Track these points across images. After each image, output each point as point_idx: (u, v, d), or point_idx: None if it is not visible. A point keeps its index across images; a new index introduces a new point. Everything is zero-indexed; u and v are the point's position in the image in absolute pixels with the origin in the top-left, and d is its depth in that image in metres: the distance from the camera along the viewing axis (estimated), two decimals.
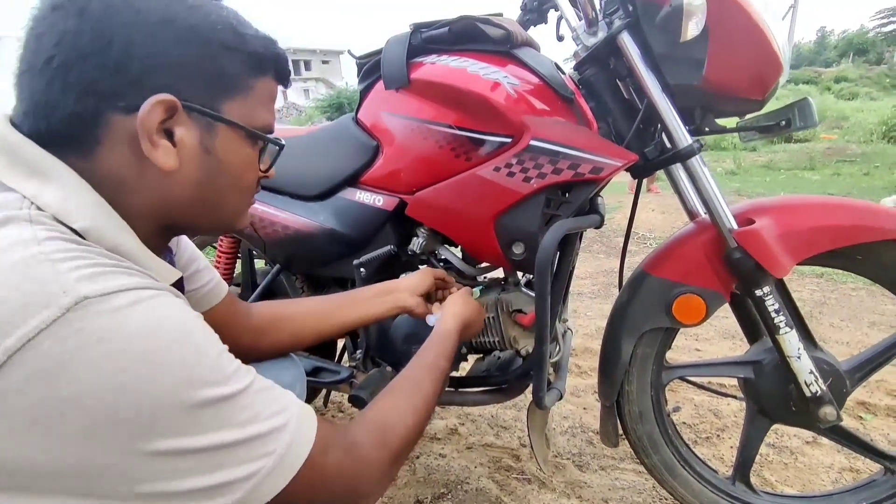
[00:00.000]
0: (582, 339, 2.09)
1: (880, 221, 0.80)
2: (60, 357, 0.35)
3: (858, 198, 3.40)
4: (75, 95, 0.43)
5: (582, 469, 1.31)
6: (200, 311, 0.70)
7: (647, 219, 4.12)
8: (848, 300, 2.40)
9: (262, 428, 0.43)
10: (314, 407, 1.60)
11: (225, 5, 0.50)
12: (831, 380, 0.87)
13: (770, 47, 0.76)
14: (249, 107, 0.51)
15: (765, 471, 1.27)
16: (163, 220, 0.51)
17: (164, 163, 0.45)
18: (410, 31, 0.92)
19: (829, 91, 16.86)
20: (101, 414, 0.36)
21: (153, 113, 0.44)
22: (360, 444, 0.54)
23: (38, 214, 0.41)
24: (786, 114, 0.83)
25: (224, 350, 0.45)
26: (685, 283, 0.88)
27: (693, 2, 0.70)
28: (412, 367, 0.71)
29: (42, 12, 0.44)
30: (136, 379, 0.37)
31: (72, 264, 0.37)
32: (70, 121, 0.44)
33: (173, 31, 0.45)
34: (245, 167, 0.54)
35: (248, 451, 0.42)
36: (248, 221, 0.61)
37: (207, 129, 0.48)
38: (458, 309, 0.85)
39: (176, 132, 0.46)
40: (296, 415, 0.47)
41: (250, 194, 0.58)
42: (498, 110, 0.84)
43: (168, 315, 0.40)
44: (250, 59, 0.50)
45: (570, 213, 0.87)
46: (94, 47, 0.42)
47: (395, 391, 0.65)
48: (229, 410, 0.42)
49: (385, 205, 0.98)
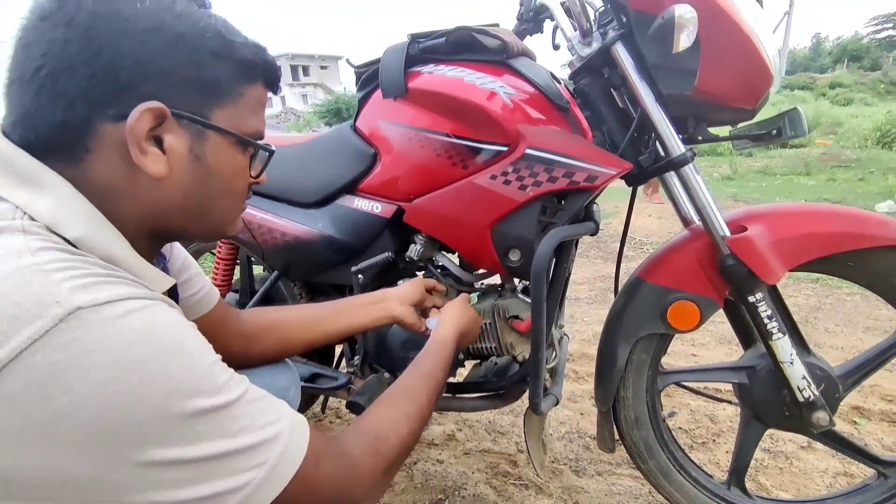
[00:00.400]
0: (579, 344, 2.10)
1: (870, 229, 0.81)
2: (54, 368, 0.35)
3: (853, 203, 3.41)
4: (64, 104, 0.43)
5: (579, 474, 1.32)
6: (192, 318, 0.71)
7: (644, 224, 4.14)
8: (843, 305, 2.42)
9: (254, 438, 0.43)
10: (312, 412, 1.61)
11: (214, 13, 0.50)
12: (824, 385, 0.88)
13: (760, 58, 0.77)
14: (239, 113, 0.52)
15: (760, 475, 1.28)
16: (154, 226, 0.51)
17: (154, 170, 0.46)
18: (408, 41, 0.93)
19: (824, 97, 16.99)
20: (93, 424, 0.36)
21: (142, 120, 0.44)
22: (353, 455, 0.54)
23: (30, 224, 0.41)
24: (776, 123, 0.85)
25: (217, 360, 0.45)
26: (679, 290, 0.89)
27: (684, 14, 0.71)
28: (407, 375, 0.71)
29: (31, 22, 0.44)
30: (128, 389, 0.37)
31: (65, 274, 0.38)
32: (59, 129, 0.44)
33: (161, 40, 0.45)
34: (235, 173, 0.54)
35: (239, 461, 0.42)
36: (239, 228, 0.61)
37: (197, 136, 0.49)
38: (456, 317, 0.86)
39: (165, 139, 0.46)
40: (288, 425, 0.47)
41: (241, 200, 0.58)
42: (494, 119, 0.86)
43: (161, 324, 0.41)
44: (239, 67, 0.51)
45: (565, 221, 0.88)
46: (82, 56, 0.43)
47: (389, 400, 0.66)
48: (222, 420, 0.42)
49: (383, 212, 0.99)
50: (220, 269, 1.32)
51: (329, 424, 1.61)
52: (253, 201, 1.10)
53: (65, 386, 0.35)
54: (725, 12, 0.75)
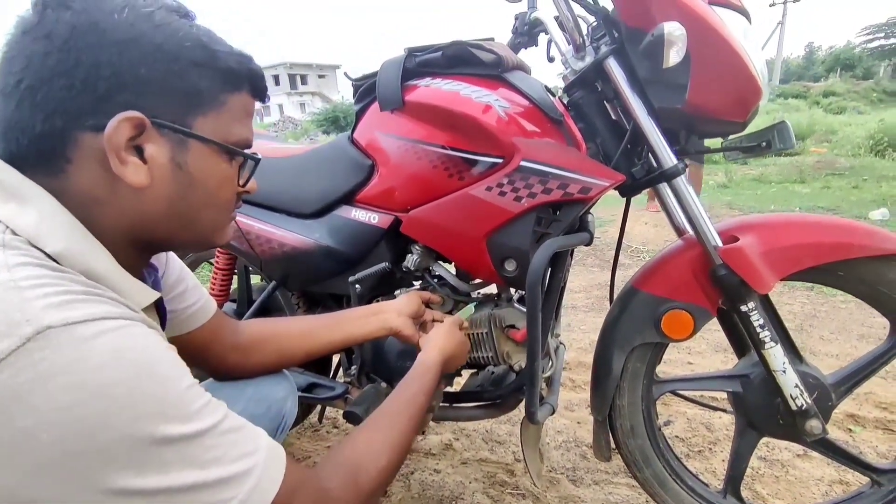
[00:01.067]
0: (576, 352, 2.10)
1: (859, 239, 0.83)
2: (19, 388, 0.34)
3: (848, 211, 3.43)
4: (43, 116, 0.44)
5: (576, 484, 1.32)
6: (188, 330, 0.72)
7: (641, 232, 4.16)
8: (837, 313, 2.43)
9: (225, 471, 0.42)
10: (309, 422, 1.61)
11: (196, 24, 0.51)
12: (817, 393, 0.88)
13: (749, 73, 0.79)
14: (223, 122, 0.51)
15: (756, 484, 1.28)
16: (139, 237, 0.51)
17: (134, 179, 0.46)
18: (405, 55, 0.95)
19: (817, 105, 17.12)
20: (58, 447, 0.35)
21: (119, 130, 0.44)
22: (331, 488, 0.53)
23: (11, 239, 0.41)
24: (766, 135, 0.86)
25: (193, 384, 0.44)
26: (673, 299, 0.91)
27: (674, 31, 0.73)
28: (390, 401, 0.70)
29: (14, 37, 0.45)
30: (94, 413, 0.36)
31: (39, 291, 0.37)
32: (39, 141, 0.44)
33: (139, 50, 0.45)
34: (220, 183, 0.54)
35: (208, 495, 0.41)
36: (228, 237, 0.60)
37: (179, 145, 0.49)
38: (442, 341, 0.85)
39: (146, 149, 0.46)
40: (263, 458, 0.46)
41: (228, 210, 0.57)
42: (489, 132, 0.87)
43: (133, 347, 0.40)
44: (222, 75, 0.50)
45: (560, 231, 0.89)
46: (61, 68, 0.43)
47: (370, 428, 0.64)
48: (193, 450, 0.41)
49: (380, 222, 1.00)
50: (217, 278, 1.33)
51: (326, 434, 1.61)
52: (251, 211, 1.11)
53: (30, 407, 0.34)
54: (714, 29, 0.77)
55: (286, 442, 1.46)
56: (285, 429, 0.86)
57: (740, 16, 0.83)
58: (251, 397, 0.80)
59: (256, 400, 0.80)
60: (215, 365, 0.78)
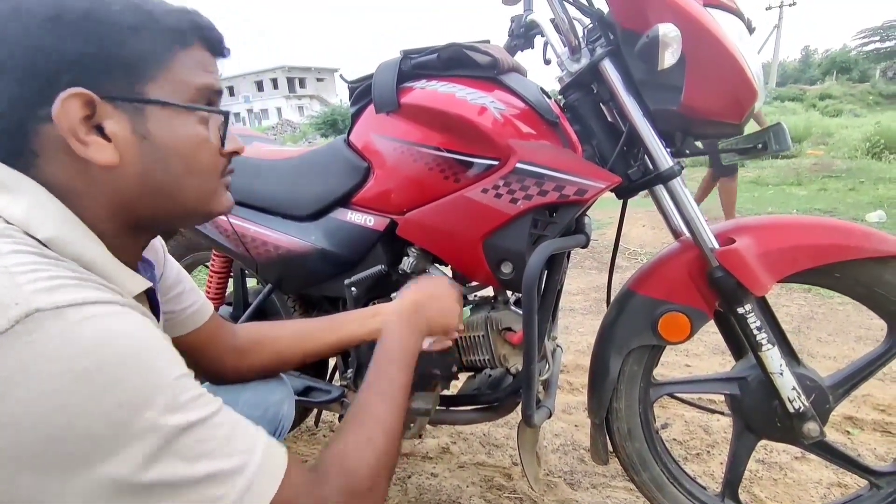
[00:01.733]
0: (574, 355, 2.10)
1: (855, 240, 0.83)
2: (5, 370, 0.34)
3: (845, 213, 3.44)
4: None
5: (573, 487, 1.31)
6: (185, 332, 0.71)
7: (638, 234, 4.17)
8: (835, 315, 2.43)
9: (214, 467, 0.40)
10: (305, 426, 1.60)
11: None
12: (814, 395, 0.88)
13: (744, 75, 0.79)
14: (177, 83, 0.48)
15: (754, 487, 1.28)
16: (126, 219, 0.49)
17: (101, 158, 0.44)
18: (400, 57, 0.95)
19: (814, 108, 17.20)
20: (40, 432, 0.34)
21: (67, 111, 0.42)
22: (328, 496, 0.50)
23: (5, 228, 0.41)
24: (762, 137, 0.86)
25: (186, 374, 0.42)
26: (670, 301, 0.90)
27: (668, 33, 0.73)
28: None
29: None
30: (78, 398, 0.35)
31: (30, 276, 0.37)
32: (4, 138, 0.44)
33: (65, 26, 0.43)
34: (194, 147, 0.50)
35: (194, 491, 0.39)
36: (225, 206, 0.56)
37: (136, 115, 0.46)
38: (399, 301, 0.79)
39: (105, 126, 0.45)
40: (259, 458, 0.43)
41: (214, 174, 0.54)
42: (485, 134, 0.87)
43: (123, 332, 0.39)
44: (163, 35, 0.48)
45: (556, 234, 0.89)
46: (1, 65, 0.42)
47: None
48: (180, 441, 0.39)
49: (376, 225, 1.00)
50: (213, 281, 1.32)
51: (323, 438, 1.60)
52: (246, 214, 1.10)
53: (12, 390, 0.34)
54: (709, 31, 0.77)
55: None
56: (282, 432, 0.86)
57: (735, 18, 0.83)
58: (248, 401, 0.79)
59: (253, 404, 0.80)
60: (212, 368, 0.78)
